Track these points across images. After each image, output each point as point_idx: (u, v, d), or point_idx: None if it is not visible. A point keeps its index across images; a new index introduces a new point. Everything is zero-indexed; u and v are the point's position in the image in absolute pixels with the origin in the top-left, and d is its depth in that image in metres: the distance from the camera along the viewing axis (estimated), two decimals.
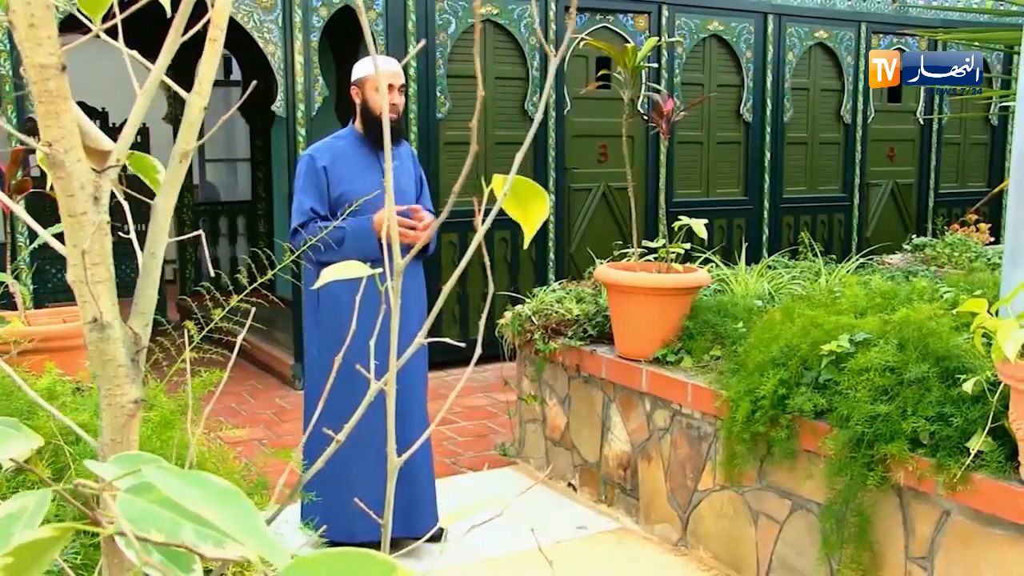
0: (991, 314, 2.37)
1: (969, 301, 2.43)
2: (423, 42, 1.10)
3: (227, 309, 1.83)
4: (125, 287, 6.73)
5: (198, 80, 0.57)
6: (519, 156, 0.69)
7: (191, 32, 0.63)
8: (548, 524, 3.82)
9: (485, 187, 0.71)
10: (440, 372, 6.41)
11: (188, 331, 2.02)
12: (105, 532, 0.45)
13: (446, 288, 0.70)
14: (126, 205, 0.78)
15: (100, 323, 0.55)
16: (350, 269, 0.62)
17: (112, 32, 0.74)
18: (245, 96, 0.84)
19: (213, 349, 1.98)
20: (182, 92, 0.60)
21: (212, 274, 6.58)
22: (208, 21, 0.60)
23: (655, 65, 6.83)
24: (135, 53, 0.76)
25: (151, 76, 0.58)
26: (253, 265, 2.57)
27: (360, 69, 3.36)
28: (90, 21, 0.70)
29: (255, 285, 1.86)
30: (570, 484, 4.17)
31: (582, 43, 6.36)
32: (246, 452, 3.31)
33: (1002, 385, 2.43)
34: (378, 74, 0.85)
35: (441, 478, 4.34)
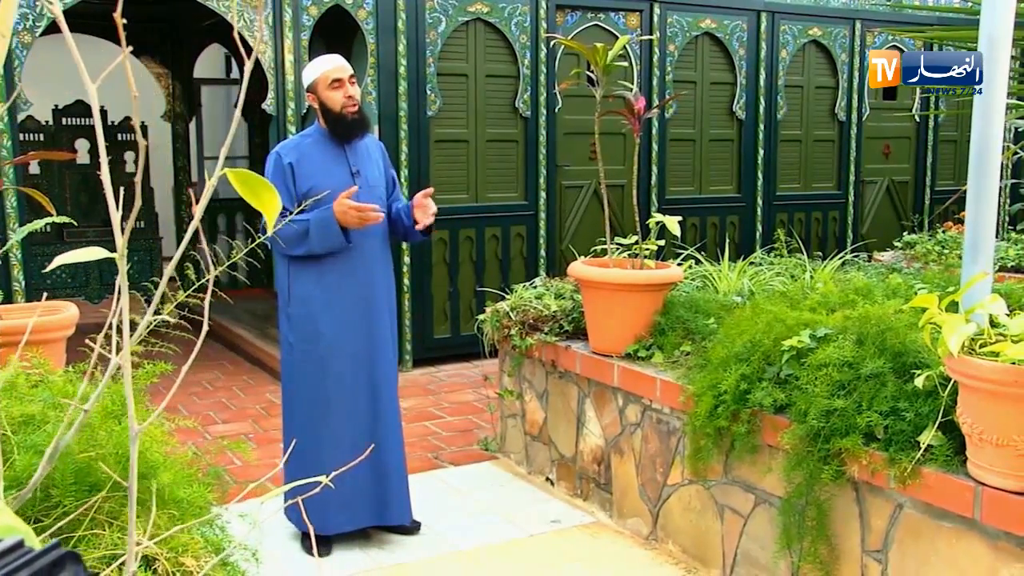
0: (941, 310, 2.39)
1: (920, 296, 2.45)
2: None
3: (175, 304, 1.87)
4: (112, 286, 6.71)
5: None
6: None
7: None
8: (524, 518, 3.85)
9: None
10: (430, 368, 6.46)
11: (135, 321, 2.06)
12: None
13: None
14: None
15: None
16: (86, 253, 0.66)
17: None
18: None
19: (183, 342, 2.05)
20: None
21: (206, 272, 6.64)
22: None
23: (625, 64, 6.82)
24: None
25: None
26: (223, 259, 2.61)
27: (308, 74, 3.44)
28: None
29: (203, 281, 1.90)
30: (548, 478, 4.21)
31: (552, 43, 6.38)
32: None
33: (952, 380, 2.45)
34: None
35: (422, 472, 4.39)
